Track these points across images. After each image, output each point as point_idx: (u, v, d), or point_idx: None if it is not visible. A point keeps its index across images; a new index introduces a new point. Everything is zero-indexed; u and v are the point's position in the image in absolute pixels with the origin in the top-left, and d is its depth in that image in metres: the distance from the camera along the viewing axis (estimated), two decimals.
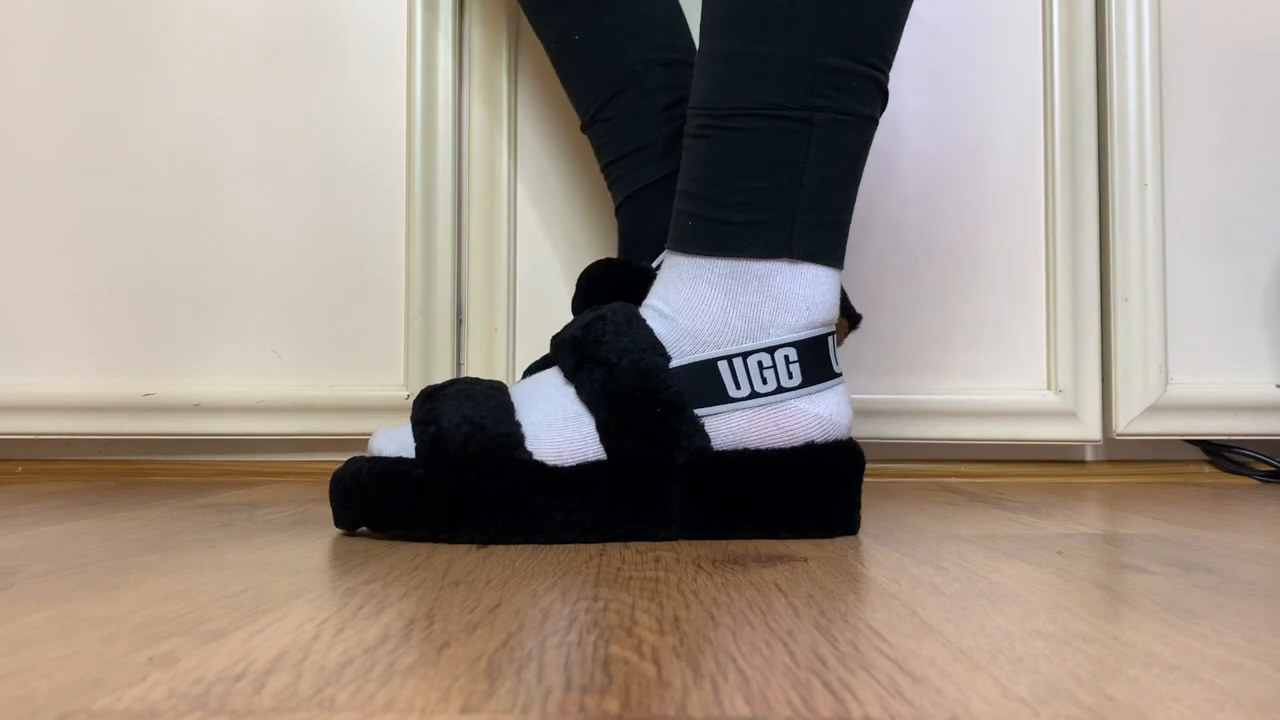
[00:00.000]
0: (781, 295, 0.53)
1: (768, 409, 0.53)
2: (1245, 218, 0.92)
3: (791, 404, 0.53)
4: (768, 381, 0.53)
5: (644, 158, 0.67)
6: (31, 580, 0.40)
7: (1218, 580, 0.40)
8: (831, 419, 0.54)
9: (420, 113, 0.92)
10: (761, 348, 0.53)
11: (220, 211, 0.93)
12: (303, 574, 0.41)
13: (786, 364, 0.53)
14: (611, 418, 0.51)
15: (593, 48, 0.68)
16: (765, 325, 0.53)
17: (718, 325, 0.53)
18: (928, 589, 0.38)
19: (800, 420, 0.53)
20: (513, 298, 0.92)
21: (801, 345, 0.53)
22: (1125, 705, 0.24)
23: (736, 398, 0.53)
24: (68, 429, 0.91)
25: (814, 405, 0.54)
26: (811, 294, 0.54)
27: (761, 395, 0.53)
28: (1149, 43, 0.90)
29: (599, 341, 0.53)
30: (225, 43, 0.93)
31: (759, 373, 0.53)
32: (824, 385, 0.54)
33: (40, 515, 0.63)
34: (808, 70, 0.52)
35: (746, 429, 0.53)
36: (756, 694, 0.25)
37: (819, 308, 0.54)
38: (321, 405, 0.91)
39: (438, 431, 0.51)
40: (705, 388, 0.53)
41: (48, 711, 0.23)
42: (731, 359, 0.53)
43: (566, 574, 0.41)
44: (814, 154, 0.53)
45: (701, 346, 0.53)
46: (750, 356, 0.53)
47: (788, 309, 0.53)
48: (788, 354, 0.53)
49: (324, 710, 0.23)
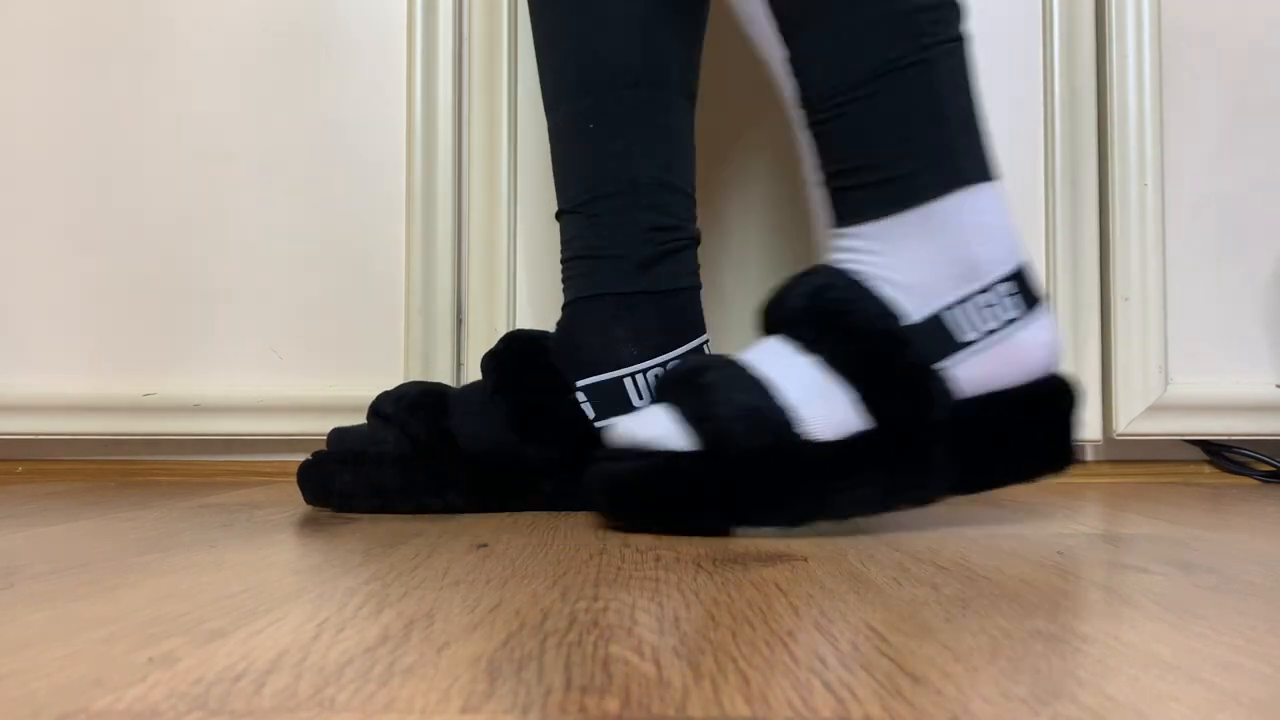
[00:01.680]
0: (978, 226, 0.55)
1: (999, 346, 0.55)
2: (1245, 218, 0.92)
3: (1018, 335, 0.55)
4: (995, 318, 0.55)
5: (614, 267, 0.66)
6: (31, 580, 0.40)
7: (1218, 580, 0.40)
8: (1055, 343, 0.56)
9: (420, 113, 0.92)
10: (980, 287, 0.54)
11: (220, 211, 0.93)
12: (303, 574, 0.41)
13: (1008, 296, 0.55)
14: (874, 386, 0.53)
15: (604, 143, 0.67)
16: (976, 262, 0.55)
17: (937, 272, 0.54)
18: (928, 589, 0.38)
19: (1030, 351, 0.55)
20: (513, 298, 0.92)
21: (1015, 276, 0.55)
22: (1125, 705, 0.24)
23: (970, 341, 0.54)
24: (68, 429, 0.91)
25: (1038, 333, 0.56)
26: (999, 218, 0.56)
27: (993, 332, 0.54)
28: (1149, 43, 0.90)
29: (840, 312, 0.54)
30: (226, 43, 0.93)
31: (983, 311, 0.54)
32: (1040, 310, 0.56)
33: (40, 515, 0.63)
34: (906, 18, 0.55)
35: (985, 371, 0.54)
36: (756, 694, 0.25)
37: (1011, 230, 0.56)
38: (321, 405, 0.91)
39: (720, 428, 0.52)
40: (941, 339, 0.54)
41: (48, 711, 0.23)
42: (956, 305, 0.54)
43: (566, 574, 0.41)
44: (943, 86, 0.55)
45: (926, 300, 0.54)
46: (972, 299, 0.54)
47: (989, 239, 0.55)
48: (1006, 287, 0.55)
49: (324, 710, 0.23)
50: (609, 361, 0.65)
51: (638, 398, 0.64)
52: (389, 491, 0.64)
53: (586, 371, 0.65)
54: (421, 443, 0.64)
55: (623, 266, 0.66)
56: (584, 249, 0.67)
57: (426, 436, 0.64)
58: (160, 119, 0.93)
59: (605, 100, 0.67)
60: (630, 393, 0.64)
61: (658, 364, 0.65)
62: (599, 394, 0.64)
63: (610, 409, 0.64)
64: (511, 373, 0.66)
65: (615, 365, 0.65)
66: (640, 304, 0.66)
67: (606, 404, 0.64)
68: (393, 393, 0.67)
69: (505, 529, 0.56)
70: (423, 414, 0.65)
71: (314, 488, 0.65)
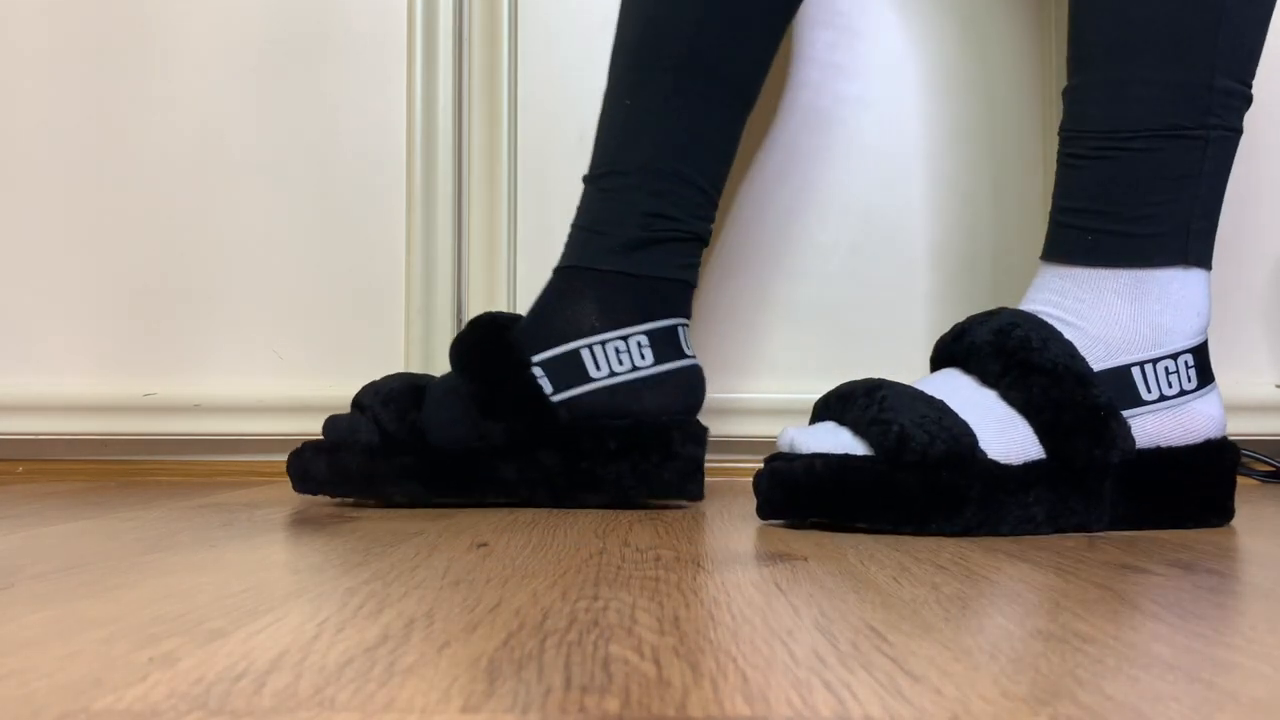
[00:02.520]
0: (1179, 302, 0.58)
1: (1173, 410, 0.57)
2: (1245, 218, 0.92)
3: (1191, 405, 0.58)
4: (1173, 385, 0.57)
5: (601, 243, 0.66)
6: (32, 580, 0.40)
7: (1218, 580, 0.40)
8: (1221, 418, 0.59)
9: (420, 113, 0.92)
10: (1167, 354, 0.57)
11: (220, 211, 0.93)
12: (303, 574, 0.41)
13: (1186, 369, 0.58)
14: (1058, 421, 0.55)
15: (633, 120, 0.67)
16: (1166, 331, 0.57)
17: (1128, 333, 0.57)
18: (928, 589, 0.38)
19: (1200, 421, 0.58)
20: (513, 298, 0.92)
21: (1197, 351, 0.58)
22: (1125, 705, 0.24)
23: (1148, 400, 0.57)
24: (68, 429, 0.91)
25: (1208, 406, 0.59)
26: (1199, 299, 0.58)
27: (1169, 398, 0.57)
28: None
29: (1028, 349, 0.56)
30: (226, 43, 0.93)
31: (1166, 378, 0.57)
32: (1212, 387, 0.59)
33: (40, 515, 0.63)
34: (1205, 92, 0.57)
35: (1159, 429, 0.57)
36: (756, 694, 0.25)
37: (1205, 312, 0.59)
38: (321, 405, 0.91)
39: (902, 431, 0.54)
40: (1122, 391, 0.56)
41: (48, 711, 0.23)
42: (1143, 365, 0.57)
43: (566, 574, 0.41)
44: (1208, 168, 0.58)
45: (1114, 353, 0.57)
46: (1159, 363, 0.57)
47: (1184, 315, 0.58)
48: (1187, 360, 0.58)
49: (324, 710, 0.23)
50: (569, 333, 0.65)
51: (595, 369, 0.64)
52: (355, 480, 0.65)
53: (545, 344, 0.65)
54: (389, 434, 0.65)
55: (608, 244, 0.66)
56: (585, 221, 0.68)
57: (394, 428, 0.65)
58: (161, 119, 0.93)
59: (647, 78, 0.67)
60: (588, 363, 0.64)
61: (618, 336, 0.65)
62: (555, 366, 0.64)
63: (567, 381, 0.64)
64: (472, 354, 0.66)
65: (574, 336, 0.65)
66: (614, 282, 0.66)
67: (563, 376, 0.64)
68: (375, 384, 0.69)
69: (505, 528, 0.56)
70: (395, 406, 0.66)
71: (294, 473, 0.68)
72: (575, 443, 0.64)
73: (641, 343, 0.65)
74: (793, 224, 0.92)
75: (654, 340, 0.65)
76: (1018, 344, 0.56)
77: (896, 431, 0.54)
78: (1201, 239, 0.59)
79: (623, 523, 0.59)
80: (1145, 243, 0.58)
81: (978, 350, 0.58)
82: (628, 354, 0.64)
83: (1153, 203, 0.57)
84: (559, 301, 0.66)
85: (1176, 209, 0.58)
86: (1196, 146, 0.57)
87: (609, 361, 0.64)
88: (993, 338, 0.57)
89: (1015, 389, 0.56)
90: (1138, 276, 0.57)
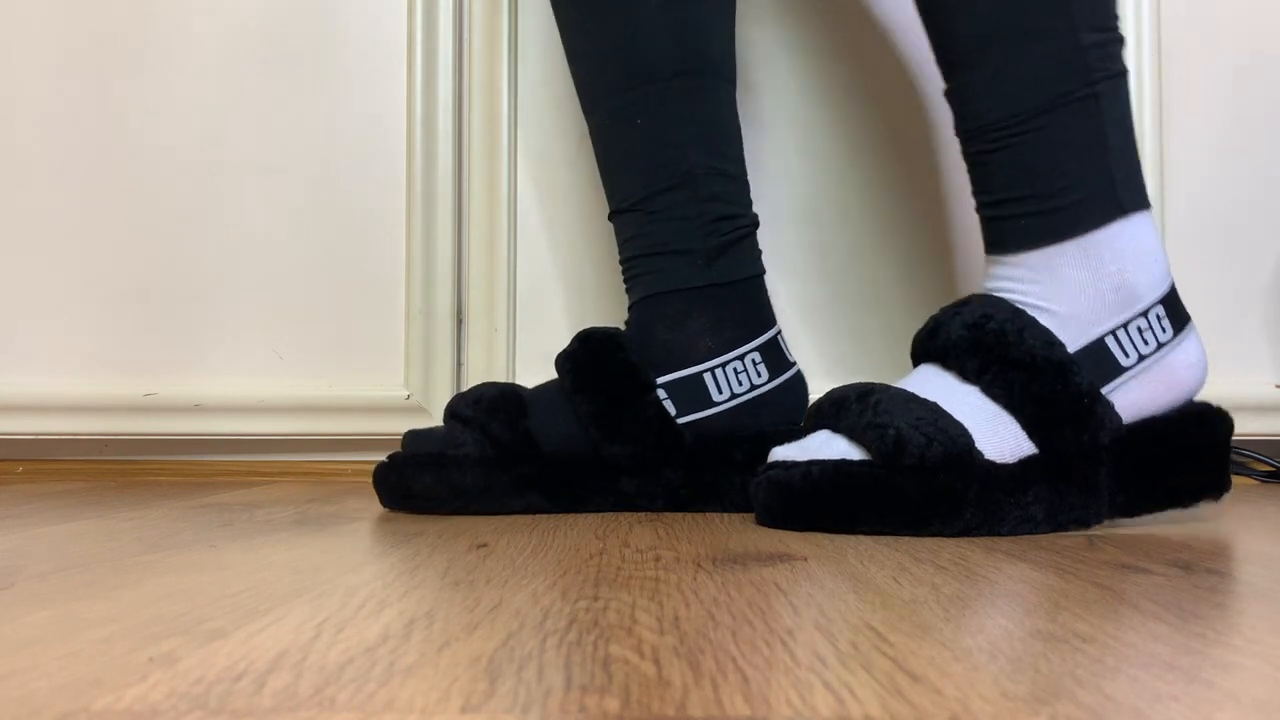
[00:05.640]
0: (1134, 253, 0.56)
1: (1153, 369, 0.56)
2: (1245, 218, 0.92)
3: (1169, 358, 0.57)
4: (1149, 342, 0.56)
5: (681, 262, 0.66)
6: (32, 580, 0.40)
7: (1218, 580, 0.40)
8: (1200, 360, 0.58)
9: (420, 113, 0.92)
10: (1138, 313, 0.56)
11: (221, 211, 0.93)
12: (303, 574, 0.41)
13: (1159, 320, 0.57)
14: (1043, 415, 0.54)
15: (655, 136, 0.67)
16: (1132, 288, 0.56)
17: (1094, 303, 0.56)
18: (928, 589, 0.38)
19: (1180, 372, 0.57)
20: (513, 298, 0.92)
21: (1166, 298, 0.57)
22: (1125, 705, 0.24)
23: (1128, 366, 0.56)
24: (68, 429, 0.91)
25: (1186, 354, 0.57)
26: (1151, 241, 0.57)
27: (1146, 357, 0.56)
28: (1149, 43, 0.90)
29: (1005, 343, 0.55)
30: (226, 43, 0.93)
31: (1140, 337, 0.56)
32: (1187, 329, 0.58)
33: (40, 515, 0.63)
34: (1076, 53, 0.56)
35: (1141, 394, 0.56)
36: (756, 694, 0.25)
37: (1159, 252, 0.58)
38: (321, 405, 0.91)
39: (899, 434, 0.54)
40: (1102, 365, 0.56)
41: (48, 711, 0.23)
42: (1117, 331, 0.56)
43: (566, 574, 0.41)
44: (1108, 119, 0.57)
45: (1087, 328, 0.56)
46: (1132, 324, 0.56)
47: (1144, 265, 0.56)
48: (1158, 311, 0.57)
49: (324, 710, 0.23)
50: (688, 358, 0.65)
51: (718, 393, 0.65)
52: (470, 493, 0.63)
53: (665, 368, 0.65)
54: (503, 444, 0.64)
55: (691, 261, 0.66)
56: (647, 246, 0.67)
57: (508, 438, 0.64)
58: (161, 119, 0.93)
59: (649, 93, 0.66)
60: (710, 388, 0.65)
61: (735, 357, 0.65)
62: (680, 390, 0.65)
63: (691, 405, 0.65)
64: (589, 371, 0.65)
65: (694, 361, 0.65)
66: (712, 296, 0.66)
67: (688, 400, 0.65)
68: (469, 394, 0.67)
69: (505, 529, 0.56)
70: (502, 415, 0.64)
71: (392, 490, 0.65)
72: (699, 459, 0.65)
73: (755, 360, 0.66)
74: (793, 224, 0.92)
75: (765, 355, 0.66)
76: (994, 338, 0.56)
77: (893, 435, 0.54)
78: (1129, 184, 0.57)
79: (622, 523, 0.59)
80: (1076, 210, 0.57)
81: (955, 346, 0.57)
82: (745, 374, 0.65)
83: (1068, 172, 0.56)
84: (664, 326, 0.66)
85: (1093, 167, 0.56)
86: (1088, 105, 0.56)
87: (730, 384, 0.65)
88: (968, 332, 0.57)
89: (997, 385, 0.55)
90: (1083, 244, 0.56)
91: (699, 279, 0.66)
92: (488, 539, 0.52)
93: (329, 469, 0.93)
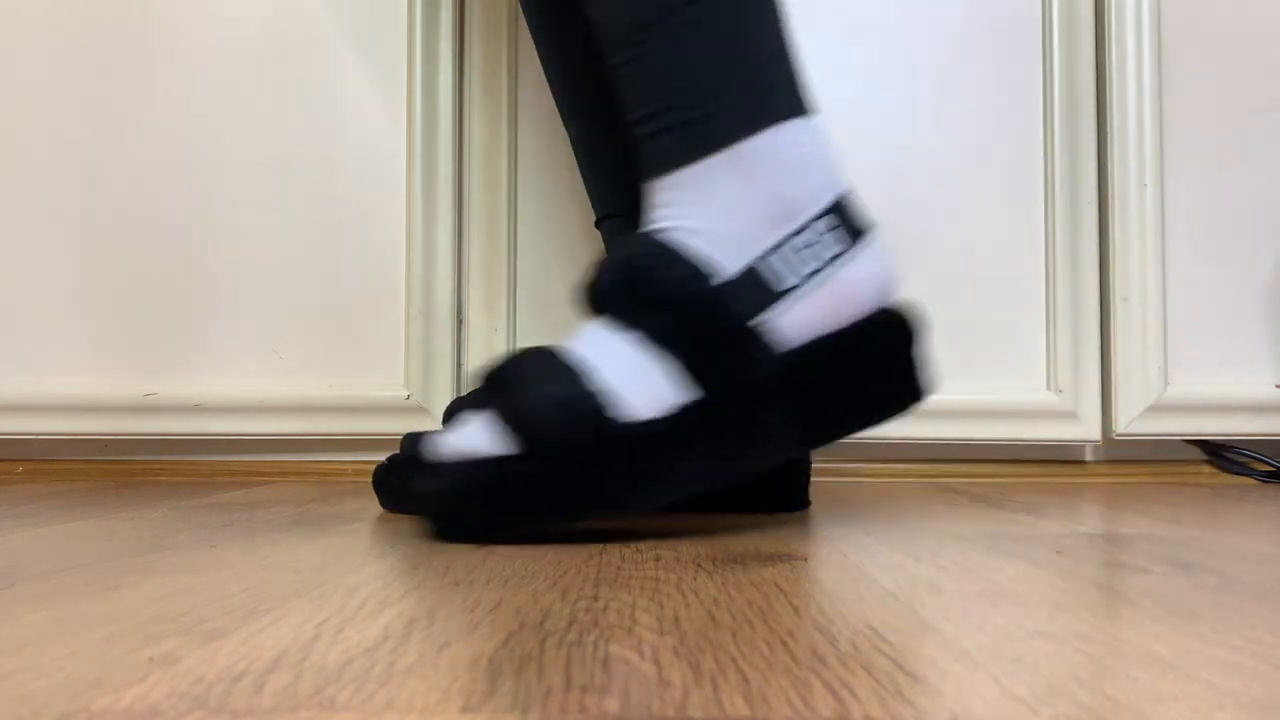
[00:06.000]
0: (794, 162, 0.52)
1: (824, 288, 0.52)
2: (1245, 218, 0.92)
3: (841, 273, 0.52)
4: (819, 257, 0.52)
5: None
6: (32, 580, 0.40)
7: (1218, 580, 0.40)
8: (881, 274, 0.53)
9: (420, 113, 0.92)
10: (800, 226, 0.51)
11: (221, 211, 0.93)
12: (303, 574, 0.41)
13: (830, 231, 0.52)
14: (694, 356, 0.49)
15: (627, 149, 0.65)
16: (793, 199, 0.51)
17: (751, 219, 0.51)
18: (928, 589, 0.38)
19: (856, 287, 0.52)
20: (513, 298, 0.92)
21: (833, 210, 0.52)
22: (1125, 705, 0.24)
23: (793, 285, 0.51)
24: (68, 429, 0.91)
25: (862, 266, 0.52)
26: (817, 148, 0.53)
27: (818, 272, 0.51)
28: (1149, 43, 0.90)
29: (650, 282, 0.51)
30: (226, 43, 0.93)
31: (805, 252, 0.51)
32: (865, 241, 0.53)
33: (40, 515, 0.63)
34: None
35: (813, 315, 0.51)
36: (756, 694, 0.25)
37: (828, 161, 0.53)
38: (321, 405, 0.91)
39: (527, 421, 0.49)
40: (762, 290, 0.51)
41: (48, 711, 0.23)
42: (778, 248, 0.51)
43: (566, 574, 0.41)
44: (749, 18, 0.52)
45: (745, 247, 0.51)
46: (794, 238, 0.51)
47: (808, 175, 0.52)
48: (829, 221, 0.52)
49: (324, 710, 0.23)
50: None
51: None
52: None
53: None
54: None
55: None
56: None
57: None
58: (161, 119, 0.93)
59: None
60: None
61: None
62: None
63: None
64: None
65: None
66: None
67: None
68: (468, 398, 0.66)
69: None
70: None
71: (392, 492, 0.64)
72: None
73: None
74: None
75: None
76: (641, 279, 0.51)
77: (527, 425, 0.49)
78: (781, 88, 0.52)
79: (622, 524, 0.59)
80: (721, 117, 0.51)
81: (609, 295, 0.52)
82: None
83: (708, 75, 0.51)
84: None
85: (734, 71, 0.51)
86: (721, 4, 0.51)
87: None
88: (620, 277, 0.52)
89: (652, 329, 0.50)
90: (732, 155, 0.51)
91: None
92: None
93: (329, 469, 0.93)
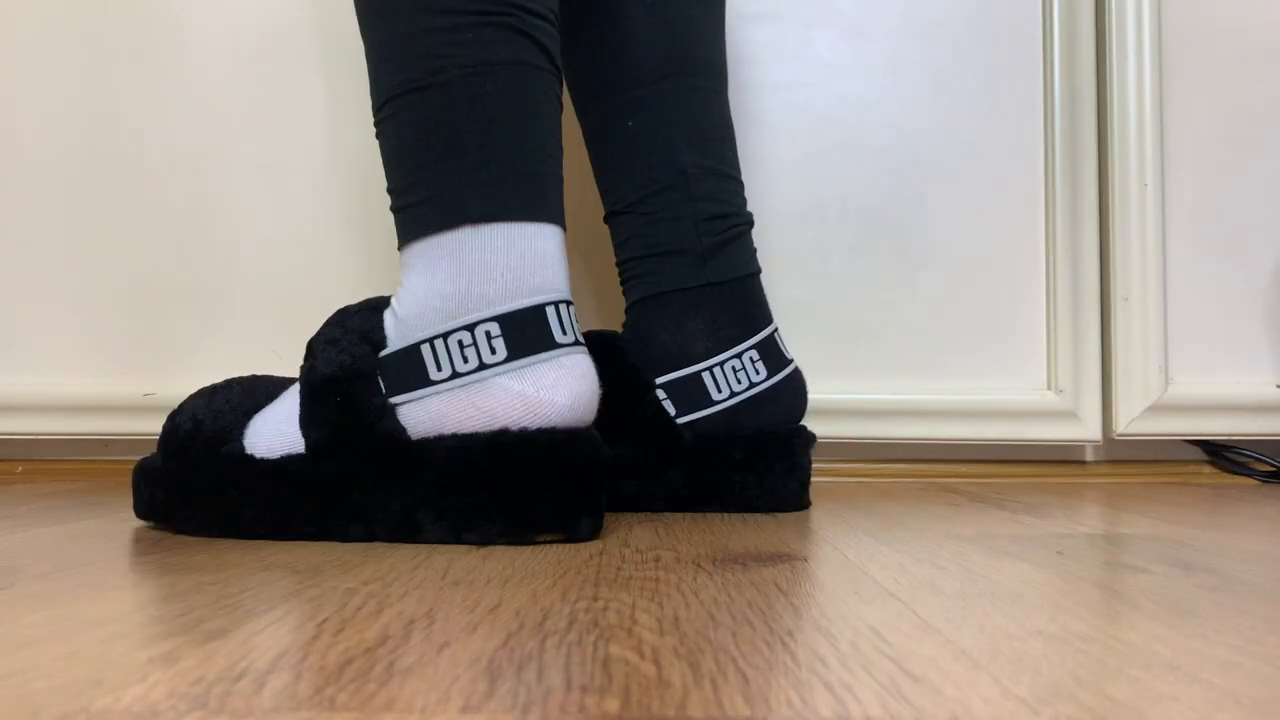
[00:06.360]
0: (475, 265, 0.51)
1: (467, 389, 0.51)
2: (1245, 218, 0.92)
3: (494, 381, 0.50)
4: (469, 360, 0.51)
5: (678, 263, 0.66)
6: (32, 580, 0.40)
7: (1218, 580, 0.40)
8: (538, 397, 0.50)
9: None
10: (463, 324, 0.51)
11: (221, 211, 0.93)
12: (303, 574, 0.41)
13: (489, 339, 0.51)
14: (308, 409, 0.53)
15: (646, 138, 0.67)
16: (466, 299, 0.51)
17: (420, 308, 0.52)
18: (928, 589, 0.38)
19: (499, 399, 0.50)
20: None
21: (504, 318, 0.51)
22: (1125, 705, 0.24)
23: (436, 380, 0.51)
24: (68, 429, 0.91)
25: (519, 382, 0.50)
26: (509, 259, 0.52)
27: (462, 375, 0.51)
28: (1149, 43, 0.90)
29: (312, 355, 0.54)
30: (226, 43, 0.93)
31: (459, 351, 0.51)
32: (537, 358, 0.51)
33: (40, 515, 0.63)
34: (420, 37, 0.52)
35: (444, 412, 0.51)
36: (756, 694, 0.25)
37: (526, 273, 0.52)
38: None
39: (171, 425, 0.56)
40: (409, 373, 0.51)
41: (48, 711, 0.23)
42: (433, 340, 0.51)
43: (566, 574, 0.41)
44: (459, 115, 0.52)
45: (412, 332, 0.52)
46: (451, 336, 0.51)
47: (484, 279, 0.51)
48: (489, 329, 0.51)
49: (324, 710, 0.23)
50: (686, 357, 0.65)
51: (717, 391, 0.65)
52: None
53: (664, 368, 0.65)
54: None
55: (686, 261, 0.66)
56: (643, 248, 0.67)
57: None
58: (161, 119, 0.93)
59: (639, 95, 0.67)
60: (710, 387, 0.65)
61: (733, 355, 0.65)
62: (679, 389, 0.65)
63: (691, 404, 0.65)
64: None
65: (693, 360, 0.65)
66: (708, 296, 0.66)
67: (687, 399, 0.65)
68: None
69: None
70: None
71: None
72: (699, 458, 0.65)
73: (754, 357, 0.66)
74: (792, 224, 0.92)
75: (763, 352, 0.66)
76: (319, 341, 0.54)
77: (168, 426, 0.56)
78: (489, 191, 0.52)
79: (622, 523, 0.59)
80: (419, 210, 0.53)
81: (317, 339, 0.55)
82: (744, 371, 0.65)
83: (417, 167, 0.52)
84: (662, 326, 0.66)
85: (443, 166, 0.52)
86: (431, 97, 0.52)
87: (729, 382, 0.65)
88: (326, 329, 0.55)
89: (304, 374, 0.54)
90: (427, 248, 0.52)
91: (694, 279, 0.66)
92: None
93: None
